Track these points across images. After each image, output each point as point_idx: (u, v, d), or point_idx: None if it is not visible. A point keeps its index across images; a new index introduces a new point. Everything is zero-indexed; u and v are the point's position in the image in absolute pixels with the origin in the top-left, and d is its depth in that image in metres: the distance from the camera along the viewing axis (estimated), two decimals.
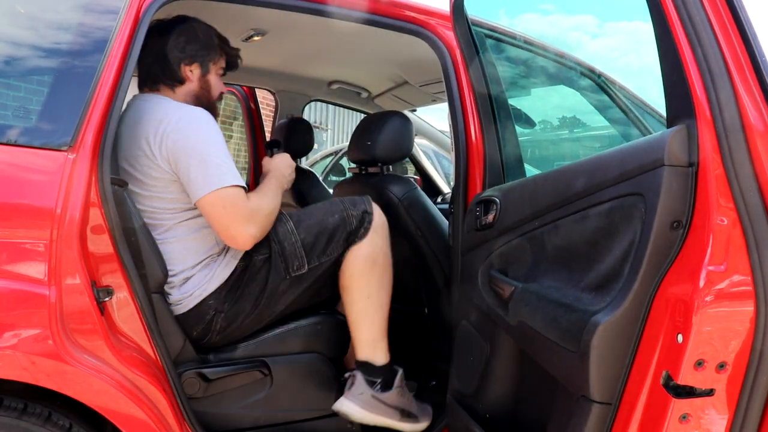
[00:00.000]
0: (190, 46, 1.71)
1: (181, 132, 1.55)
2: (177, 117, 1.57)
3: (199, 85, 1.75)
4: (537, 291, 1.34)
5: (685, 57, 1.03)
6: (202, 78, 1.75)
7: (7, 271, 1.23)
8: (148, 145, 1.56)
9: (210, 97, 1.77)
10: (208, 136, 1.58)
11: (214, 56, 1.77)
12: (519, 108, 1.99)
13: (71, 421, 1.31)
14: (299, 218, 1.73)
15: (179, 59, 1.70)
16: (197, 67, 1.73)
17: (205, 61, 1.74)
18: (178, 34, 1.71)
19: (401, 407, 1.77)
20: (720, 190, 0.99)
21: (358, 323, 1.73)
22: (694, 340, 0.98)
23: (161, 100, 1.65)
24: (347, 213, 1.72)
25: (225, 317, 1.65)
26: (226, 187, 1.54)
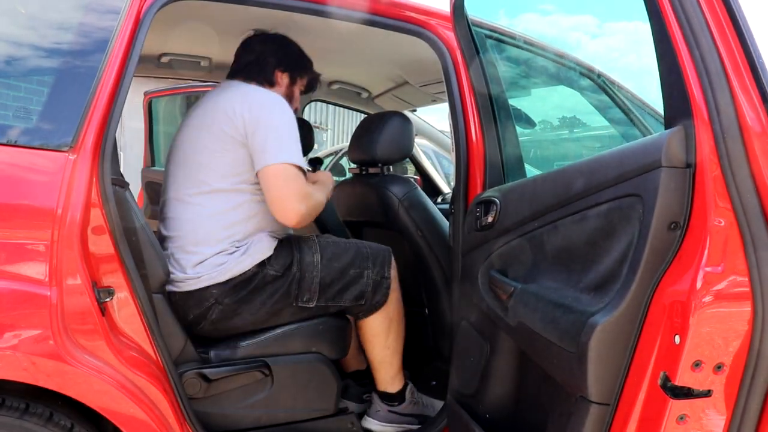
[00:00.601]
0: (287, 57, 1.94)
1: (268, 108, 1.70)
2: (268, 98, 1.73)
3: (286, 92, 1.93)
4: (536, 291, 1.34)
5: (683, 58, 1.03)
6: (289, 86, 1.95)
7: (8, 271, 1.23)
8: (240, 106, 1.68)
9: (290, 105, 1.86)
10: (290, 123, 1.71)
11: (302, 73, 1.98)
12: (519, 108, 2.00)
13: (72, 421, 1.31)
14: (327, 254, 1.81)
15: (275, 64, 1.90)
16: (287, 76, 1.94)
17: (294, 73, 1.95)
18: (280, 45, 1.94)
19: (417, 413, 1.96)
20: (717, 192, 0.99)
21: (377, 368, 1.94)
22: (691, 341, 0.98)
23: (248, 84, 1.84)
24: (368, 272, 1.85)
25: (222, 310, 1.68)
26: (294, 165, 1.65)
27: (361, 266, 1.83)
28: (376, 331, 1.88)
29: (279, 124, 1.68)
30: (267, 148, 1.65)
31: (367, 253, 1.86)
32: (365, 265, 1.83)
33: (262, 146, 1.66)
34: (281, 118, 1.70)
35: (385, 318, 1.87)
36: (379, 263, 1.86)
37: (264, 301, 1.71)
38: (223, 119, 1.69)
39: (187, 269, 1.67)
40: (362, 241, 1.92)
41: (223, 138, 1.69)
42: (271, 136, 1.66)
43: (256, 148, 1.66)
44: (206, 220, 1.70)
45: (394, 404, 1.94)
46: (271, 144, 1.66)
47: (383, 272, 1.86)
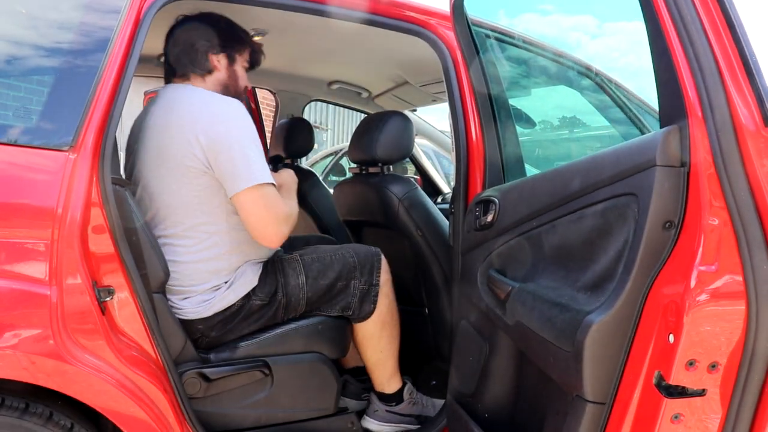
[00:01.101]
0: (217, 36, 1.75)
1: (223, 123, 1.57)
2: (218, 108, 1.60)
3: (227, 74, 1.78)
4: (533, 291, 1.34)
5: (677, 57, 1.03)
6: (229, 67, 1.78)
7: (9, 270, 1.23)
8: (186, 132, 1.55)
9: (237, 88, 1.81)
10: (249, 131, 1.59)
11: (240, 48, 1.81)
12: (519, 108, 2.00)
13: (72, 420, 1.31)
14: (312, 273, 1.77)
15: (207, 48, 1.73)
16: (224, 57, 1.77)
17: (231, 51, 1.78)
18: (205, 26, 1.75)
19: (416, 413, 1.96)
20: (712, 191, 1.00)
21: (372, 370, 1.93)
22: (685, 341, 0.98)
23: (195, 90, 1.68)
24: (354, 282, 1.81)
25: (209, 342, 1.69)
26: (268, 185, 1.57)
27: (348, 277, 1.80)
28: (368, 335, 1.87)
29: (240, 140, 1.56)
30: (236, 173, 1.54)
31: (353, 263, 1.82)
32: (352, 275, 1.81)
33: (230, 171, 1.55)
34: (241, 131, 1.57)
35: (377, 322, 1.86)
36: (366, 272, 1.83)
37: (251, 327, 1.71)
38: (177, 151, 1.56)
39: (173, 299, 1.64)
40: (350, 247, 1.90)
41: (183, 171, 1.57)
42: (236, 157, 1.54)
43: (224, 174, 1.56)
44: (189, 265, 1.63)
45: (392, 404, 1.94)
46: (240, 167, 1.54)
47: (371, 280, 1.83)
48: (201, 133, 1.54)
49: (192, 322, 1.65)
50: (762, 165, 0.98)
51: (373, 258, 1.86)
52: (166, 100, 1.68)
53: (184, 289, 1.64)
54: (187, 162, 1.56)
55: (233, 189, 1.56)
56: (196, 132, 1.55)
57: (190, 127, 1.56)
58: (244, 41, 1.83)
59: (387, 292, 1.87)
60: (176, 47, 1.75)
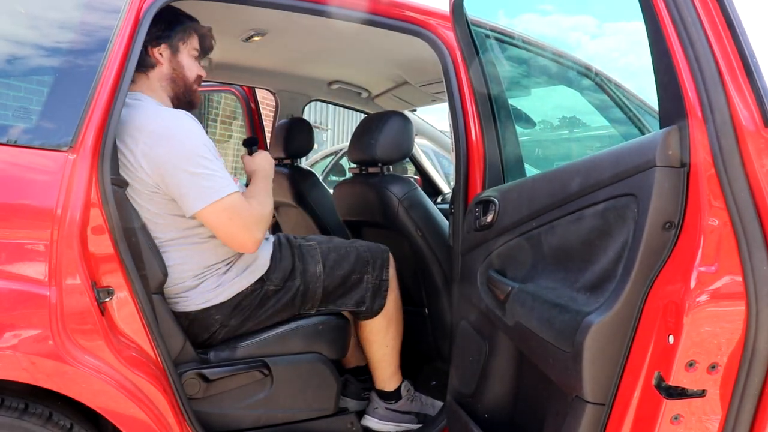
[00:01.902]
0: (154, 27, 1.57)
1: (164, 144, 1.48)
2: (157, 125, 1.51)
3: (171, 67, 1.66)
4: (533, 291, 1.34)
5: (677, 58, 1.03)
6: (173, 59, 1.67)
7: (8, 271, 1.23)
8: (132, 155, 1.49)
9: (186, 80, 1.69)
10: (195, 145, 1.51)
11: (182, 35, 1.67)
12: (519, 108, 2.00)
13: (72, 421, 1.31)
14: (329, 261, 1.79)
15: (146, 43, 1.56)
16: (165, 48, 1.65)
17: (172, 41, 1.66)
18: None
19: (415, 411, 1.97)
20: (712, 191, 0.99)
21: (375, 366, 1.94)
22: (685, 341, 0.98)
23: (139, 105, 1.56)
24: (367, 277, 1.83)
25: (228, 331, 1.68)
26: (225, 198, 1.51)
27: (361, 271, 1.83)
28: (375, 330, 1.88)
29: (185, 158, 1.48)
30: (188, 194, 1.48)
31: (366, 257, 1.85)
32: (365, 270, 1.83)
33: (178, 192, 1.49)
34: (182, 148, 1.49)
35: (384, 317, 1.88)
36: (378, 267, 1.85)
37: (268, 312, 1.72)
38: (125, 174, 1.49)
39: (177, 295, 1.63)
40: (361, 242, 1.92)
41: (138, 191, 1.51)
42: (183, 177, 1.47)
43: (175, 195, 1.50)
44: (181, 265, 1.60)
45: (391, 402, 1.94)
46: (188, 187, 1.48)
47: (382, 275, 1.86)
48: (142, 156, 1.48)
49: (208, 312, 1.64)
50: (762, 165, 0.98)
51: (383, 254, 1.89)
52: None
53: (183, 285, 1.63)
54: (137, 184, 1.51)
55: (191, 209, 1.51)
56: (137, 157, 1.48)
57: (130, 151, 1.49)
58: (187, 28, 1.68)
59: (394, 288, 1.90)
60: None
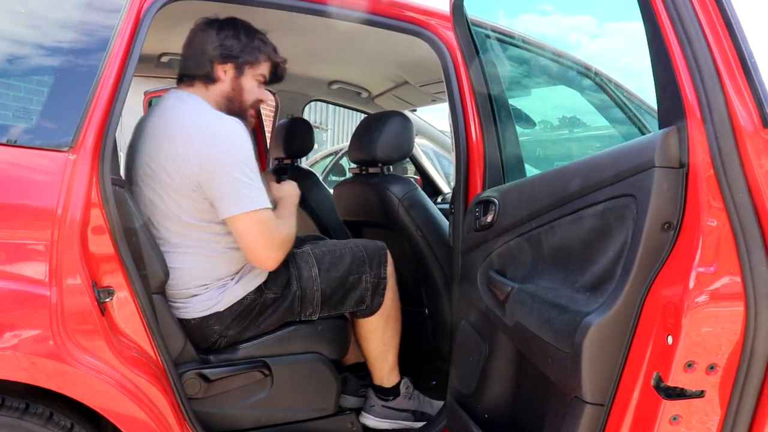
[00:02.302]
0: (227, 45, 1.66)
1: (219, 145, 1.52)
2: (214, 126, 1.54)
3: (231, 86, 1.69)
4: (533, 292, 1.34)
5: (676, 58, 1.03)
6: (234, 80, 1.69)
7: (8, 271, 1.23)
8: (181, 145, 1.52)
9: (242, 102, 1.72)
10: (245, 154, 1.54)
11: (252, 60, 1.70)
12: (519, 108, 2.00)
13: (72, 421, 1.31)
14: (324, 265, 1.78)
15: (213, 57, 1.66)
16: (231, 68, 1.68)
17: (240, 63, 1.68)
18: (218, 32, 1.67)
19: (413, 409, 1.96)
20: (710, 192, 0.99)
21: (373, 363, 1.94)
22: (683, 342, 0.98)
23: (197, 103, 1.62)
24: (365, 276, 1.82)
25: (227, 340, 1.68)
26: (261, 210, 1.54)
27: (359, 271, 1.82)
28: (373, 328, 1.88)
29: (232, 164, 1.51)
30: (227, 198, 1.52)
31: (363, 256, 1.84)
32: (362, 269, 1.82)
33: (221, 195, 1.52)
34: (232, 155, 1.52)
35: (382, 314, 1.87)
36: (375, 265, 1.85)
37: (267, 320, 1.71)
38: (167, 165, 1.53)
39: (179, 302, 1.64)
40: (357, 241, 1.92)
41: (173, 186, 1.54)
42: (227, 179, 1.50)
43: (215, 197, 1.53)
44: (187, 270, 1.61)
45: (388, 399, 1.94)
46: (231, 192, 1.51)
47: (380, 273, 1.85)
48: (194, 153, 1.51)
49: (206, 321, 1.64)
50: (761, 166, 0.98)
51: (380, 252, 1.88)
52: (166, 107, 1.64)
53: (188, 291, 1.63)
54: (176, 179, 1.53)
55: (225, 213, 1.53)
56: (188, 151, 1.51)
57: (182, 144, 1.52)
58: (260, 54, 1.71)
59: (392, 285, 1.89)
60: (187, 50, 1.70)
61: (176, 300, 1.63)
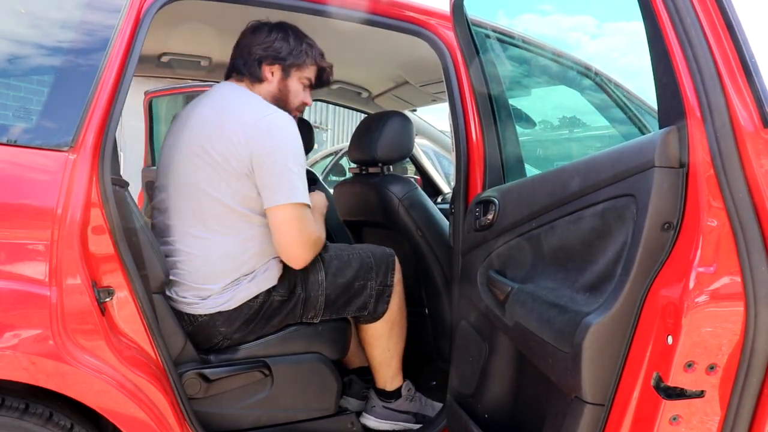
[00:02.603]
0: (276, 47, 1.73)
1: (275, 135, 1.57)
2: (272, 119, 1.59)
3: (278, 87, 1.75)
4: (532, 292, 1.34)
5: (676, 59, 1.03)
6: (281, 81, 1.75)
7: (8, 271, 1.23)
8: (237, 132, 1.56)
9: (287, 103, 1.76)
10: (298, 149, 1.60)
11: (299, 63, 1.75)
12: (519, 108, 2.00)
13: (72, 421, 1.31)
14: (331, 270, 1.78)
15: (261, 57, 1.72)
16: (278, 69, 1.74)
17: (287, 65, 1.74)
18: (268, 34, 1.74)
19: (414, 411, 1.96)
20: (711, 192, 0.99)
21: (377, 368, 1.94)
22: (683, 342, 0.98)
23: (252, 96, 1.69)
24: (371, 284, 1.82)
25: (231, 342, 1.69)
26: (305, 205, 1.59)
27: (365, 278, 1.81)
28: (377, 334, 1.87)
29: (288, 155, 1.57)
30: (276, 187, 1.56)
31: (370, 263, 1.83)
32: (369, 276, 1.82)
33: (270, 183, 1.56)
34: (287, 148, 1.58)
35: (387, 321, 1.86)
36: (382, 273, 1.84)
37: (271, 323, 1.71)
38: (222, 148, 1.57)
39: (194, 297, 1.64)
40: (365, 247, 1.90)
41: (225, 168, 1.57)
42: (281, 171, 1.56)
43: (264, 184, 1.57)
44: (217, 260, 1.62)
45: (390, 401, 1.94)
46: (281, 181, 1.56)
47: (386, 281, 1.84)
48: (252, 138, 1.55)
49: (214, 321, 1.64)
50: (761, 166, 0.98)
51: (388, 259, 1.87)
52: (219, 96, 1.70)
53: (205, 287, 1.63)
54: (231, 161, 1.56)
55: (270, 201, 1.57)
56: (247, 136, 1.55)
57: (241, 129, 1.56)
58: (306, 58, 1.77)
59: (399, 292, 1.89)
60: (236, 50, 1.76)
61: (190, 294, 1.63)
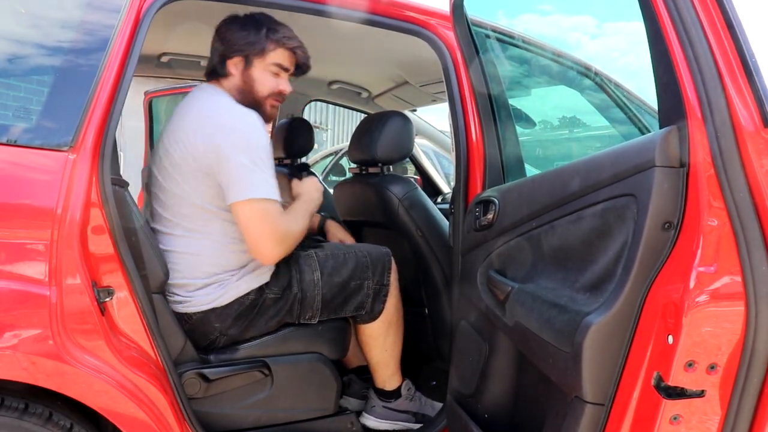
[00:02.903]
0: (233, 40, 1.68)
1: (229, 130, 1.55)
2: (229, 115, 1.58)
3: (242, 79, 1.70)
4: (533, 291, 1.34)
5: (677, 58, 1.03)
6: (244, 72, 1.70)
7: (8, 271, 1.23)
8: (195, 134, 1.55)
9: (254, 94, 1.71)
10: (258, 142, 1.56)
11: (258, 50, 1.68)
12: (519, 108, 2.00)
13: (72, 421, 1.31)
14: (327, 269, 1.77)
15: (223, 53, 1.69)
16: (240, 61, 1.69)
17: (246, 55, 1.68)
18: (227, 28, 1.70)
19: (414, 411, 1.96)
20: (711, 191, 0.99)
21: (375, 368, 1.94)
22: (684, 342, 0.98)
23: (215, 94, 1.67)
24: (368, 283, 1.81)
25: (227, 339, 1.69)
26: (267, 200, 1.54)
27: (361, 277, 1.81)
28: (374, 334, 1.87)
29: (240, 152, 1.52)
30: (232, 184, 1.53)
31: (366, 262, 1.83)
32: (365, 275, 1.81)
33: (226, 181, 1.54)
34: (241, 144, 1.53)
35: (384, 321, 1.86)
36: (378, 272, 1.84)
37: (267, 322, 1.71)
38: (182, 149, 1.57)
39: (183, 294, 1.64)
40: (362, 246, 1.91)
41: (187, 169, 1.57)
42: (236, 167, 1.52)
43: (222, 182, 1.55)
44: (198, 258, 1.62)
45: (390, 401, 1.94)
46: (236, 179, 1.52)
47: (382, 280, 1.84)
48: (208, 137, 1.54)
49: (207, 317, 1.64)
50: (761, 166, 0.98)
51: (384, 258, 1.87)
52: (189, 97, 1.70)
53: (192, 282, 1.63)
54: (191, 162, 1.56)
55: (228, 199, 1.55)
56: (202, 135, 1.55)
57: (200, 130, 1.56)
58: (266, 43, 1.68)
59: (395, 292, 1.88)
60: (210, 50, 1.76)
61: (179, 292, 1.63)
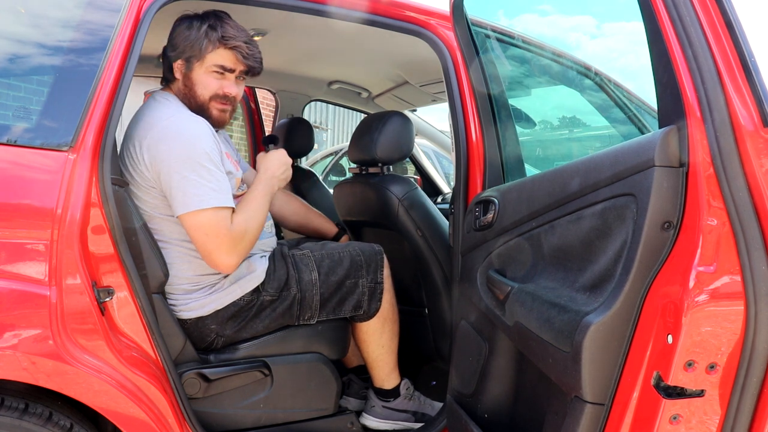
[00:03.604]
0: (174, 43, 1.64)
1: (168, 142, 1.50)
2: (167, 124, 1.53)
3: (183, 83, 1.65)
4: (532, 291, 1.34)
5: (676, 58, 1.03)
6: (185, 76, 1.65)
7: (8, 271, 1.23)
8: (138, 147, 1.53)
9: (196, 97, 1.65)
10: (197, 151, 1.50)
11: (195, 53, 1.61)
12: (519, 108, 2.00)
13: (72, 421, 1.31)
14: (323, 268, 1.77)
15: (169, 58, 1.67)
16: (182, 63, 1.65)
17: (186, 57, 1.63)
18: (176, 27, 1.66)
19: (413, 410, 1.96)
20: (710, 191, 1.00)
21: (372, 366, 1.93)
22: (683, 341, 0.98)
23: (162, 102, 1.63)
24: (362, 281, 1.82)
25: (225, 340, 1.69)
26: (207, 210, 1.49)
27: (356, 276, 1.81)
28: (370, 331, 1.88)
29: (181, 161, 1.48)
30: (174, 196, 1.49)
31: (360, 261, 1.83)
32: (360, 274, 1.82)
33: (170, 193, 1.50)
34: (182, 152, 1.49)
35: (379, 318, 1.87)
36: (372, 270, 1.84)
37: (265, 323, 1.71)
38: (132, 161, 1.54)
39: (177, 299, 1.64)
40: (354, 244, 1.90)
41: (140, 181, 1.54)
42: (175, 178, 1.48)
43: (167, 194, 1.52)
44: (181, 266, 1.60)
45: (389, 400, 1.94)
46: (176, 191, 1.48)
47: (376, 278, 1.84)
48: (146, 150, 1.51)
49: (203, 321, 1.64)
50: (761, 165, 0.98)
51: (377, 256, 1.87)
52: (141, 107, 1.65)
53: (182, 287, 1.63)
54: (136, 177, 1.54)
55: (175, 211, 1.52)
56: (141, 149, 1.52)
57: (144, 142, 1.52)
58: (204, 43, 1.60)
59: (388, 288, 1.89)
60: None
61: (173, 298, 1.63)
